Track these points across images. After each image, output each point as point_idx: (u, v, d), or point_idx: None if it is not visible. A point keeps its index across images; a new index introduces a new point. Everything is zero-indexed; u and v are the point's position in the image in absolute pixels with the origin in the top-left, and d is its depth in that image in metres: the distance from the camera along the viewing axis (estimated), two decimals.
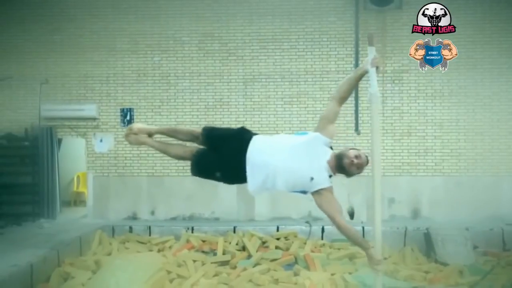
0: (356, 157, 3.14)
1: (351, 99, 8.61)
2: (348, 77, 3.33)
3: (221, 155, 3.33)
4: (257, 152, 3.21)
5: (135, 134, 3.65)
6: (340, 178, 3.34)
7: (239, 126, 3.57)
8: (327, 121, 3.31)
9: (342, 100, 3.33)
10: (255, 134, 3.40)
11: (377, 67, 3.12)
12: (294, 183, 3.18)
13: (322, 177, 3.16)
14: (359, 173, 3.20)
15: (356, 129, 9.06)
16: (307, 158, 3.16)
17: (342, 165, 3.15)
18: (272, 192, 3.32)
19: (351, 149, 3.23)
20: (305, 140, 3.23)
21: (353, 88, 3.35)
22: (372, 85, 3.11)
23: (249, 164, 3.21)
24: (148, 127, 3.74)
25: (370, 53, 3.13)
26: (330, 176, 3.23)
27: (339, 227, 3.16)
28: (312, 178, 3.14)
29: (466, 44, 8.96)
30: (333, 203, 3.17)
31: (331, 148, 3.30)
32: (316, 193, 3.18)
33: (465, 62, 9.00)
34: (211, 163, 3.39)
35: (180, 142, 3.69)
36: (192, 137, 3.57)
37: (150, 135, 3.70)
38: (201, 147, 3.53)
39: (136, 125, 3.70)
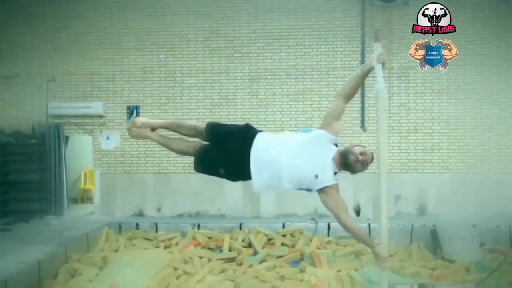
0: (361, 153, 3.13)
1: (357, 96, 8.57)
2: (354, 74, 3.31)
3: (225, 151, 3.31)
4: (262, 149, 3.19)
5: (138, 128, 3.62)
6: (345, 175, 3.34)
7: (244, 123, 3.54)
8: (332, 118, 3.29)
9: (348, 97, 3.30)
10: (260, 131, 3.37)
11: (383, 63, 3.10)
12: (299, 180, 3.17)
13: (327, 175, 3.14)
14: (363, 170, 3.18)
15: (362, 126, 9.03)
16: (311, 155, 3.14)
17: (347, 162, 3.14)
18: (277, 190, 3.28)
19: (356, 145, 3.21)
20: (309, 138, 3.21)
21: (359, 85, 3.31)
22: (378, 82, 3.10)
23: (254, 161, 3.18)
24: (151, 121, 3.70)
25: (376, 50, 3.12)
26: (336, 173, 3.21)
27: (344, 226, 3.16)
28: (316, 176, 3.12)
29: (473, 40, 8.91)
30: (338, 201, 3.16)
31: (336, 145, 3.28)
32: (321, 191, 3.17)
33: (472, 58, 8.95)
34: (214, 159, 3.36)
35: (183, 136, 3.64)
36: (195, 132, 3.52)
37: (153, 129, 3.67)
38: (205, 142, 3.50)
39: (140, 119, 3.66)
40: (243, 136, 3.31)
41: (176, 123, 3.68)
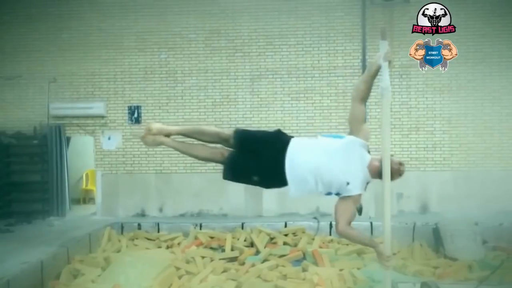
0: (400, 164, 3.15)
1: None
2: (363, 76, 3.28)
3: (259, 158, 3.22)
4: (298, 155, 3.14)
5: (154, 134, 3.46)
6: None
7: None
8: (358, 122, 3.26)
9: (363, 99, 3.27)
10: (292, 136, 3.32)
11: (389, 61, 3.08)
12: (331, 185, 3.13)
13: (357, 184, 3.12)
14: (397, 179, 3.17)
15: None
16: (345, 161, 3.11)
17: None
18: (314, 194, 3.23)
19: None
20: (343, 143, 3.17)
21: (370, 86, 3.24)
22: (384, 79, 3.07)
23: (290, 167, 3.13)
24: (168, 127, 3.53)
25: (383, 47, 3.08)
26: (368, 183, 3.18)
27: (341, 233, 3.15)
28: (348, 183, 3.09)
29: (475, 38, 8.89)
30: (347, 211, 3.14)
31: (369, 151, 3.25)
32: (343, 197, 3.15)
33: (474, 56, 8.94)
34: (247, 167, 3.27)
35: (201, 142, 3.49)
36: (218, 139, 3.41)
37: (168, 135, 3.51)
38: (230, 149, 3.39)
39: (155, 125, 3.48)
40: (276, 143, 3.24)
41: (196, 130, 3.52)
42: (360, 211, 9.43)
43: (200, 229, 8.39)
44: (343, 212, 3.12)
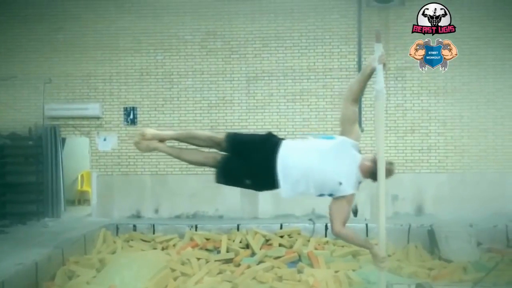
0: (390, 163, 3.14)
1: None
2: (357, 78, 3.29)
3: (251, 161, 3.22)
4: (289, 156, 3.15)
5: (148, 140, 3.44)
6: None
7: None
8: (350, 122, 3.26)
9: (355, 100, 3.28)
10: (282, 138, 3.32)
11: (383, 64, 3.10)
12: (323, 186, 3.13)
13: (349, 184, 3.11)
14: (388, 179, 3.14)
15: (360, 126, 9.02)
16: (337, 162, 3.11)
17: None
18: (305, 195, 3.23)
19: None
20: (334, 144, 3.18)
21: (364, 87, 3.26)
22: (378, 82, 3.09)
23: (281, 169, 3.13)
24: (161, 132, 3.52)
25: (377, 50, 3.10)
26: (360, 183, 3.18)
27: (337, 234, 3.14)
28: (340, 183, 3.08)
29: (470, 41, 8.93)
30: (342, 211, 3.12)
31: (359, 151, 3.24)
32: (336, 198, 3.14)
33: (469, 58, 8.97)
34: (240, 170, 3.27)
35: (195, 147, 3.49)
36: (212, 143, 3.39)
37: (162, 140, 3.50)
38: (223, 153, 3.38)
39: (150, 131, 3.47)
40: (267, 145, 3.25)
41: (190, 134, 3.52)
42: (355, 213, 9.48)
43: (196, 230, 8.38)
44: (338, 213, 3.13)
